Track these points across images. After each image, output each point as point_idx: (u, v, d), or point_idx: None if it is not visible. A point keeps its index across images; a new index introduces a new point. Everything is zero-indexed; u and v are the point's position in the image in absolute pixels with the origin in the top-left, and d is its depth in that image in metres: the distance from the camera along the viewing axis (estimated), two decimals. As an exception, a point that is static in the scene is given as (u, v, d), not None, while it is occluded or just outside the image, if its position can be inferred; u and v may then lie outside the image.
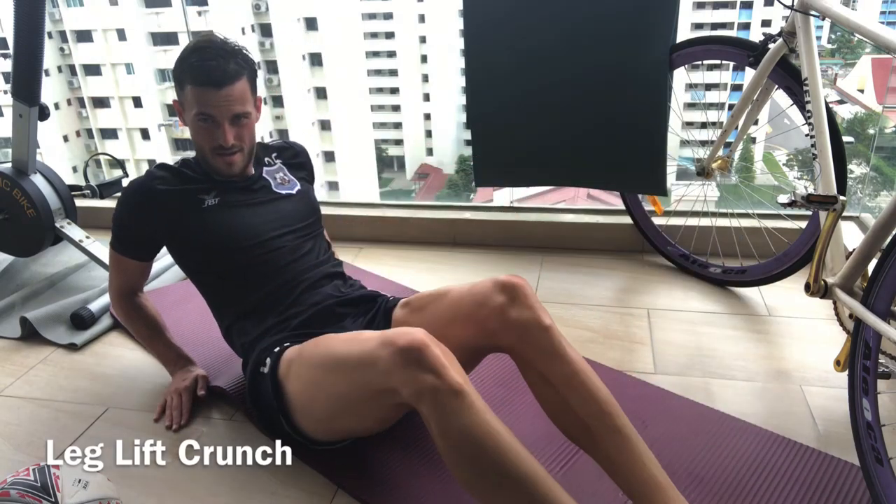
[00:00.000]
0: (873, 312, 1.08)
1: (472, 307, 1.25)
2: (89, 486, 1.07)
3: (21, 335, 1.83)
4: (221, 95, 1.33)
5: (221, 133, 1.36)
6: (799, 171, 5.40)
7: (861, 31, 1.39)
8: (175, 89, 1.40)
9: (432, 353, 1.03)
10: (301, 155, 1.64)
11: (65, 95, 10.45)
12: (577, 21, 1.94)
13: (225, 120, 1.35)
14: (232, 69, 1.33)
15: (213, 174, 1.45)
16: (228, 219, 1.42)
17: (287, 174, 1.56)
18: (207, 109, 1.34)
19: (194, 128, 1.39)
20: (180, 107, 1.42)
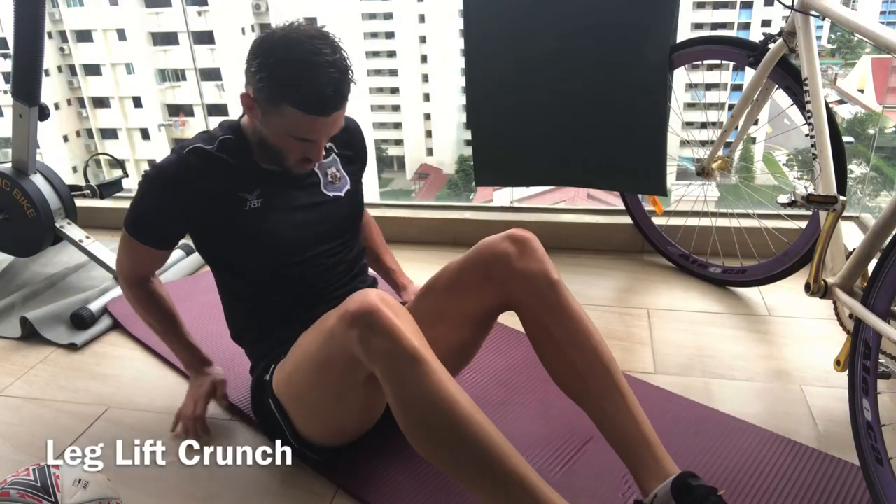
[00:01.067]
0: (873, 312, 1.08)
1: (476, 261, 1.23)
2: (89, 486, 1.07)
3: (21, 335, 1.83)
4: (329, 122, 1.17)
5: (315, 150, 1.22)
6: (799, 171, 5.39)
7: (861, 31, 1.39)
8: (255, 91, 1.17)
9: (384, 315, 1.01)
10: (355, 138, 1.43)
11: (65, 95, 10.44)
12: (577, 22, 1.94)
13: (323, 138, 1.21)
14: (344, 95, 1.15)
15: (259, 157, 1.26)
16: (271, 226, 1.27)
17: (339, 169, 1.38)
18: (311, 135, 1.18)
19: (282, 140, 1.20)
20: (256, 108, 1.19)
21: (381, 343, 1.01)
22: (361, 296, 1.05)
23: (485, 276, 1.22)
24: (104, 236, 2.40)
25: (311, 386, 1.17)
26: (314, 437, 1.25)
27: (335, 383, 1.13)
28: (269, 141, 1.22)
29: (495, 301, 1.24)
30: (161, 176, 1.24)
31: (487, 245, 1.23)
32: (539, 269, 1.19)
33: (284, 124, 1.17)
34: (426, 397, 0.99)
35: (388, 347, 1.01)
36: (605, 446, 1.29)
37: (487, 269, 1.22)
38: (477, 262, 1.23)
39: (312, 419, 1.23)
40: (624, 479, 1.21)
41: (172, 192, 1.23)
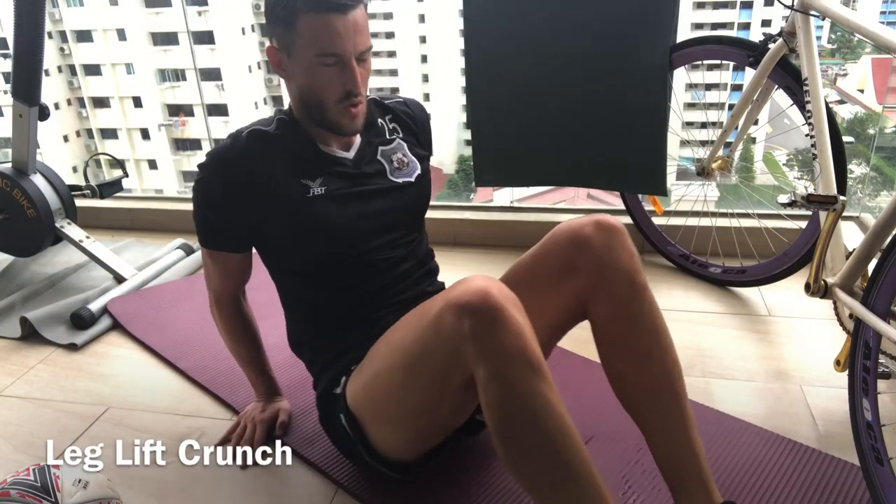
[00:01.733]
0: (873, 312, 1.08)
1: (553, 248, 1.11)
2: (89, 486, 1.07)
3: (21, 335, 1.83)
4: (349, 22, 1.04)
5: (350, 74, 1.08)
6: (799, 171, 5.39)
7: (861, 31, 1.39)
8: (273, 31, 1.10)
9: (508, 312, 0.90)
10: (418, 119, 1.32)
11: (65, 95, 10.45)
12: (577, 22, 1.94)
13: (353, 56, 1.07)
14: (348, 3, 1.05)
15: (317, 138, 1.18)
16: (334, 214, 1.16)
17: (406, 153, 1.26)
18: (332, 45, 1.05)
19: (313, 73, 1.09)
20: (282, 53, 1.11)
21: (504, 339, 0.89)
22: (475, 282, 0.93)
23: (562, 269, 1.09)
24: (104, 236, 2.40)
25: (397, 391, 1.04)
26: (391, 452, 1.13)
27: (427, 385, 1.00)
28: (307, 92, 1.12)
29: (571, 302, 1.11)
30: (219, 158, 1.16)
31: (567, 228, 1.09)
32: (627, 267, 1.07)
33: (305, 46, 1.06)
34: (539, 413, 0.89)
35: (511, 346, 0.89)
36: (606, 446, 1.29)
37: (565, 259, 1.09)
38: (553, 249, 1.11)
39: (392, 430, 1.10)
40: (624, 478, 1.22)
41: (238, 178, 1.14)
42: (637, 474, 1.23)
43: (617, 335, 1.08)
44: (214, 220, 1.20)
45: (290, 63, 1.11)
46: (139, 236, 2.52)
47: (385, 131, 1.27)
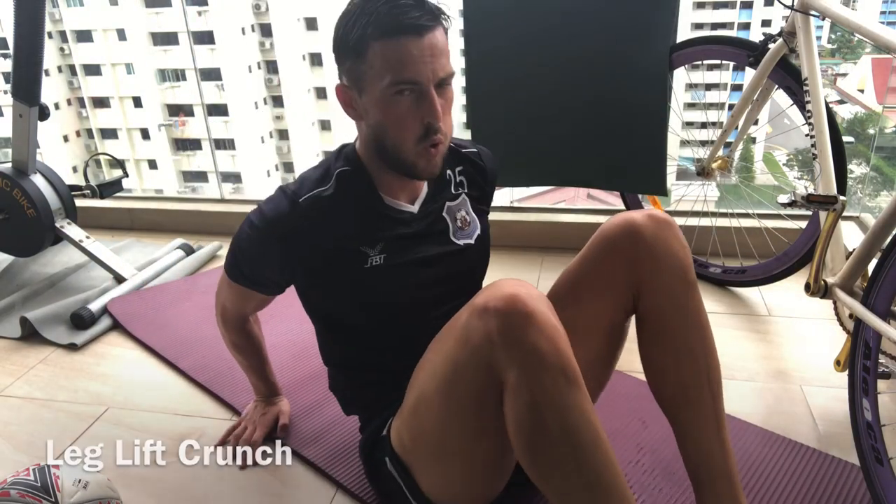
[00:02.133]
0: (873, 312, 1.08)
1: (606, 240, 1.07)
2: (89, 486, 1.07)
3: (21, 335, 1.83)
4: (424, 45, 0.93)
5: (429, 105, 0.96)
6: (799, 171, 5.40)
7: (861, 31, 1.39)
8: (343, 65, 1.00)
9: (540, 312, 0.85)
10: (484, 172, 1.23)
11: (65, 95, 10.46)
12: (577, 22, 1.94)
13: (432, 85, 0.95)
14: (432, 11, 0.95)
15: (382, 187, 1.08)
16: (393, 285, 1.08)
17: (469, 211, 1.18)
18: (408, 72, 0.94)
19: (387, 106, 0.97)
20: (353, 90, 1.00)
21: (536, 342, 0.83)
22: (502, 285, 0.87)
23: (613, 261, 1.05)
24: (104, 236, 2.40)
25: (436, 420, 0.97)
26: (445, 499, 1.05)
27: (465, 407, 0.93)
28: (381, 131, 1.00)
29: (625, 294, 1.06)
30: (270, 229, 1.04)
31: (619, 221, 1.05)
32: (681, 259, 1.03)
33: (377, 76, 0.95)
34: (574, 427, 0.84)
35: (544, 350, 0.84)
36: (605, 446, 1.29)
37: (617, 249, 1.05)
38: (604, 243, 1.07)
39: (442, 471, 1.02)
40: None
41: (282, 247, 1.05)
42: (637, 474, 1.23)
43: (663, 328, 1.04)
44: (252, 270, 1.11)
45: (361, 101, 1.00)
46: (139, 236, 2.52)
47: (452, 184, 1.17)
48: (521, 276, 1.46)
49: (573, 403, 0.85)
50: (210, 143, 5.48)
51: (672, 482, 1.20)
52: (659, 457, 1.26)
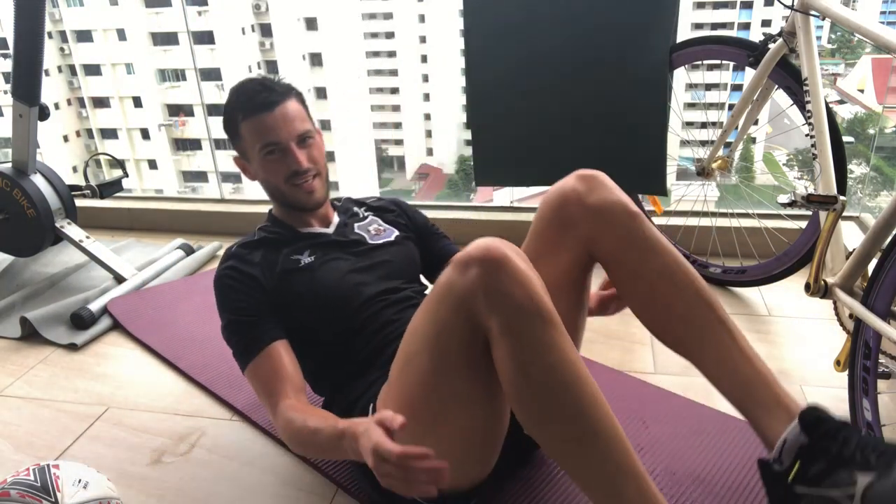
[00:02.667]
0: (873, 312, 1.08)
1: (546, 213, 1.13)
2: (89, 486, 1.07)
3: (21, 335, 1.83)
4: (277, 116, 1.21)
5: (292, 157, 1.22)
6: (799, 171, 5.40)
7: (861, 31, 1.39)
8: (233, 144, 1.29)
9: (513, 261, 0.88)
10: (393, 204, 1.44)
11: (65, 95, 10.47)
12: (577, 21, 1.94)
13: (291, 142, 1.22)
14: (278, 90, 1.23)
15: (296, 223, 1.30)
16: (332, 274, 1.23)
17: (381, 223, 1.37)
18: (269, 136, 1.21)
19: (263, 165, 1.23)
20: (243, 160, 1.28)
21: (511, 289, 0.87)
22: (477, 241, 0.92)
23: (560, 227, 1.11)
24: (104, 236, 2.41)
25: (425, 381, 0.97)
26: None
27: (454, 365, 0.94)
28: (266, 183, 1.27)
29: (578, 251, 1.12)
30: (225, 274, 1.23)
31: (553, 192, 1.13)
32: (614, 201, 1.08)
33: (252, 145, 1.23)
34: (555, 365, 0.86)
35: (520, 296, 0.86)
36: (605, 446, 1.29)
37: (560, 217, 1.11)
38: (546, 214, 1.13)
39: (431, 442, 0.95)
40: (624, 479, 1.21)
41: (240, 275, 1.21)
42: (637, 474, 1.23)
43: (632, 263, 1.08)
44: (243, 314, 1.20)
45: (250, 166, 1.27)
46: (139, 236, 2.52)
47: (360, 215, 1.38)
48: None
49: (552, 343, 0.87)
50: (210, 143, 5.47)
51: (672, 482, 1.20)
52: (659, 457, 1.26)
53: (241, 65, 10.64)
